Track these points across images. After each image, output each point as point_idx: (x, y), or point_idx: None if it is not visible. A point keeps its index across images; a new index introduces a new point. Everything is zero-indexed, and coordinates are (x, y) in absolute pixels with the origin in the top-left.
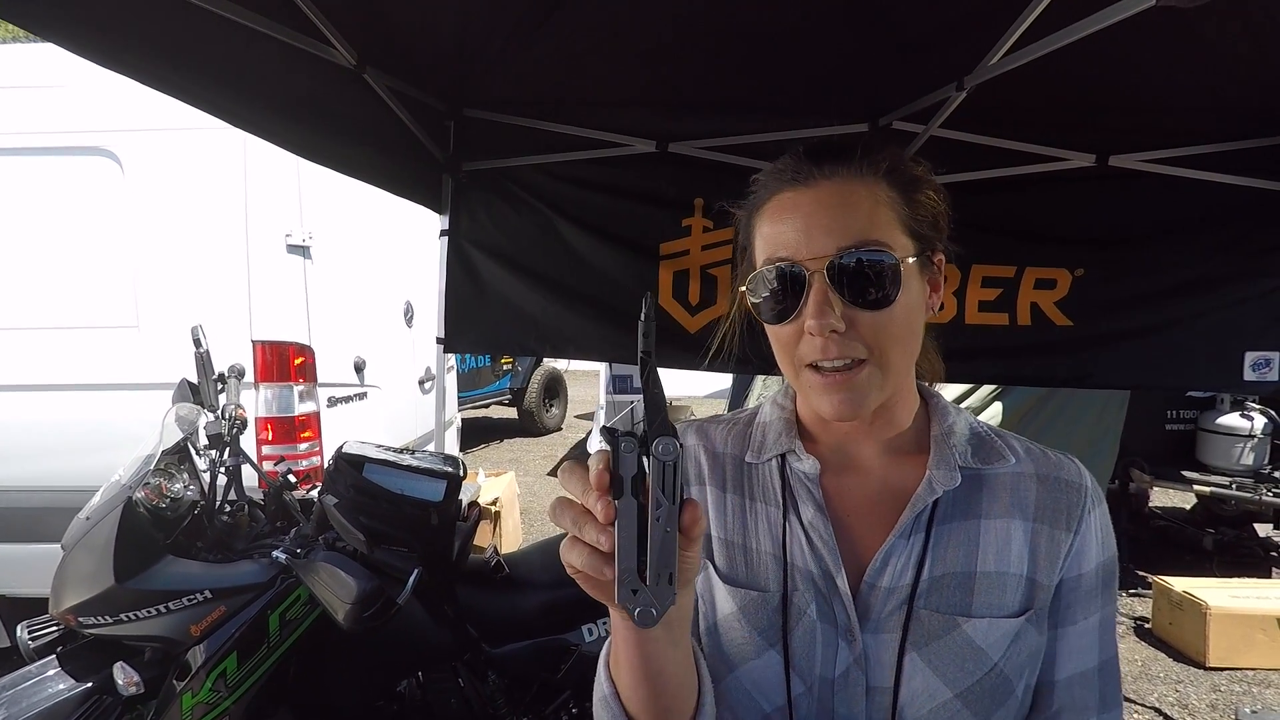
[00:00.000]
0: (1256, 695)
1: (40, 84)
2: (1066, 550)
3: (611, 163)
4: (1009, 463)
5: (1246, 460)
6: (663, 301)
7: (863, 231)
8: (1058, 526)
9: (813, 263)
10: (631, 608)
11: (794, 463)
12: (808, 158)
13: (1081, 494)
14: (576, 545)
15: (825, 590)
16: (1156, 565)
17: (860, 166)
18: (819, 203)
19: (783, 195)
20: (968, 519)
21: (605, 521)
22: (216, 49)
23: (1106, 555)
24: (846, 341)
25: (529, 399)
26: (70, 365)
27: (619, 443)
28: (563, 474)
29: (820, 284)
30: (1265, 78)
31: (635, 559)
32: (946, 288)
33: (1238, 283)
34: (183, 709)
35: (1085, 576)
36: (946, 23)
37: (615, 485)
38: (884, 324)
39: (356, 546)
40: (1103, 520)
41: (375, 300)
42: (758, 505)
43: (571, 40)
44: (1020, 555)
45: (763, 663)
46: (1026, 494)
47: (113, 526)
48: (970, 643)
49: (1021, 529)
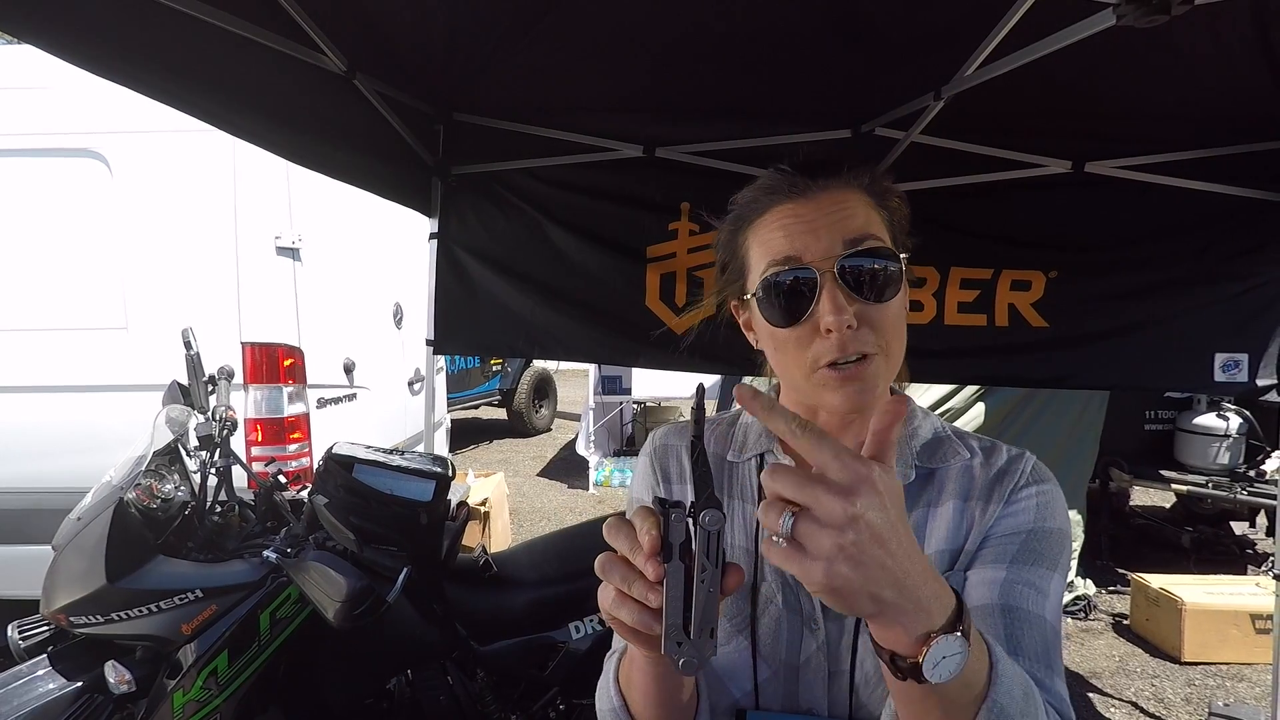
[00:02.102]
0: (1230, 689)
1: (27, 85)
2: (994, 517)
3: (599, 167)
4: (963, 457)
5: (1223, 460)
6: (649, 303)
7: (864, 230)
8: (990, 501)
9: (823, 263)
10: (677, 658)
11: (772, 461)
12: (803, 172)
13: (1018, 474)
14: (626, 602)
15: (792, 581)
16: (1135, 563)
17: (848, 179)
18: (820, 210)
19: (783, 207)
20: (916, 508)
21: (655, 580)
22: (207, 55)
23: (1037, 525)
24: (858, 337)
25: (518, 400)
26: (58, 367)
27: (669, 513)
28: (608, 530)
29: (831, 283)
30: (1235, 88)
31: (681, 615)
32: (926, 289)
33: (1208, 286)
34: (174, 707)
35: (1003, 535)
36: (926, 34)
37: (665, 549)
38: (888, 317)
39: (347, 546)
40: (1045, 499)
41: (365, 302)
42: (735, 503)
43: (560, 46)
44: (954, 531)
45: (732, 648)
46: (970, 481)
47: (104, 527)
48: None
49: (959, 508)
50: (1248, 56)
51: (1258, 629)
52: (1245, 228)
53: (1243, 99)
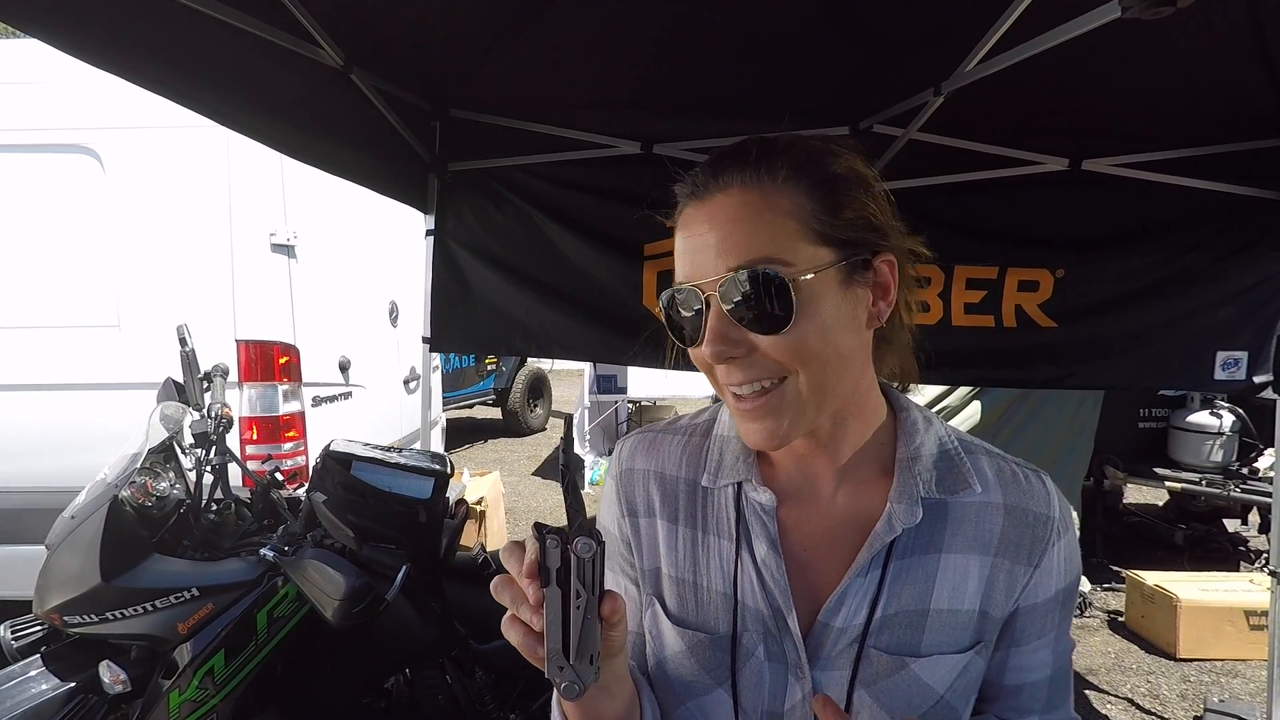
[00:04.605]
0: (1224, 685)
1: (20, 80)
2: (1025, 584)
3: (596, 164)
4: (975, 492)
5: (1216, 457)
6: (646, 301)
7: (752, 249)
8: (1019, 561)
9: (708, 285)
10: (559, 682)
11: (750, 493)
12: (707, 168)
13: (1047, 527)
14: (515, 623)
15: (775, 630)
16: (1130, 560)
17: (757, 173)
18: (712, 219)
19: (685, 211)
20: (927, 553)
21: (534, 603)
22: (203, 47)
23: (1066, 582)
24: (749, 368)
25: (513, 399)
26: (50, 365)
27: (545, 539)
28: (503, 553)
29: (716, 307)
30: (1231, 85)
31: (561, 640)
32: (931, 290)
33: (1208, 284)
34: (170, 707)
35: (1041, 605)
36: (925, 30)
37: (544, 574)
38: (790, 345)
39: (345, 543)
40: (1067, 550)
41: (360, 300)
42: (710, 539)
43: (557, 42)
44: (976, 591)
45: (712, 699)
46: (991, 527)
47: (99, 525)
48: (918, 680)
49: (980, 564)
50: (1243, 55)
51: (1252, 625)
52: (1243, 226)
53: (1239, 97)
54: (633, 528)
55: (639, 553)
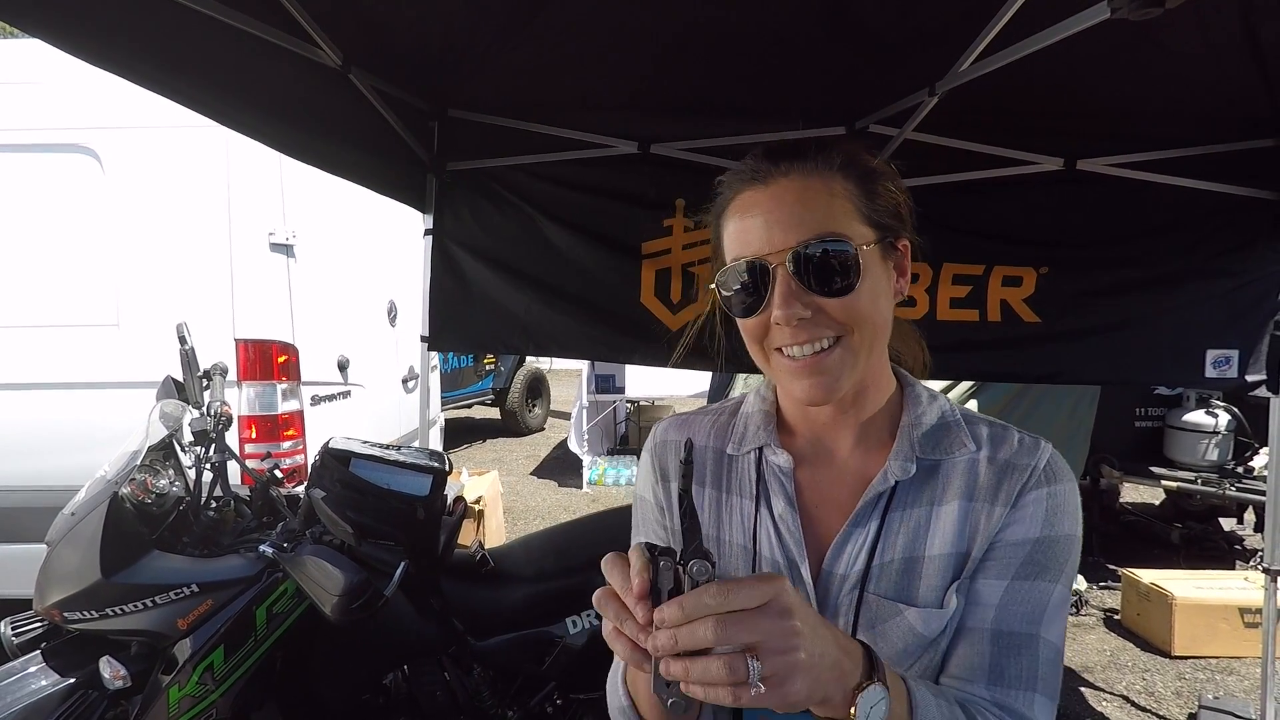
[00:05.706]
0: (1219, 682)
1: (18, 80)
2: (999, 523)
3: (594, 163)
4: (969, 450)
5: (1211, 456)
6: (644, 300)
7: (820, 224)
8: (995, 503)
9: (775, 256)
10: (665, 698)
11: (770, 456)
12: (766, 158)
13: (1027, 473)
14: (620, 637)
15: (789, 577)
16: (1126, 559)
17: (816, 163)
18: (777, 199)
19: (744, 195)
20: (920, 505)
21: (644, 624)
22: (202, 46)
23: (1044, 532)
24: (814, 327)
25: (511, 399)
26: (50, 364)
27: (658, 560)
28: (606, 564)
29: (784, 275)
30: (1223, 87)
31: None
32: (919, 285)
33: (1199, 282)
34: (170, 702)
35: (1007, 544)
36: (920, 31)
37: (654, 594)
38: (849, 308)
39: (344, 540)
40: (1055, 501)
41: (359, 299)
42: (733, 499)
43: (555, 43)
44: (959, 534)
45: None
46: (976, 477)
47: (99, 522)
48: (912, 628)
49: (964, 508)
50: (1236, 56)
51: (1247, 623)
52: (1234, 225)
53: (1231, 98)
54: (665, 491)
55: (669, 514)
